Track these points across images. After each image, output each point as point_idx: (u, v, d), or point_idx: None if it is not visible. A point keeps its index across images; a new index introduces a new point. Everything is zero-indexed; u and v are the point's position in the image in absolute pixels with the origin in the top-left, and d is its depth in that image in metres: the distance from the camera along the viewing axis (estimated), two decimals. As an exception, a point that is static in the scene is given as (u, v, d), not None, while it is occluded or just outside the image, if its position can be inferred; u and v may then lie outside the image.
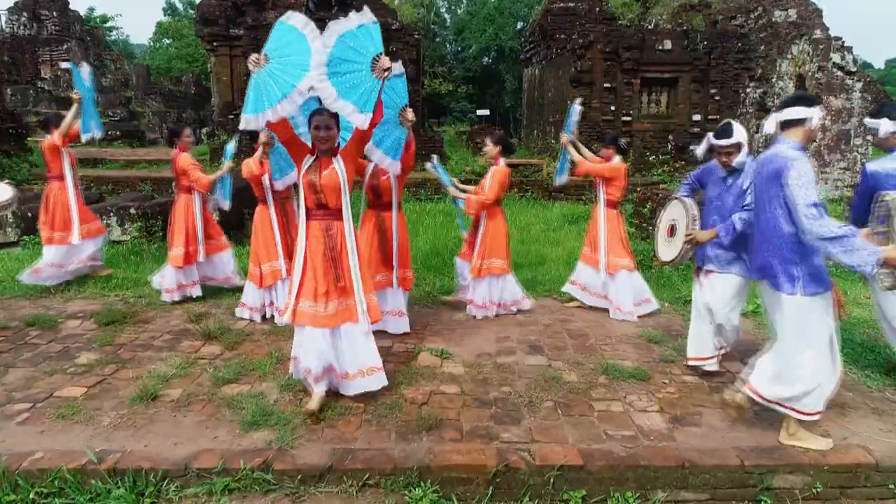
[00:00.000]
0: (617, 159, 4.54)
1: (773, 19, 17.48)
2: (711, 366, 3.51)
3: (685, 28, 12.39)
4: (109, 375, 3.48)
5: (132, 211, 6.51)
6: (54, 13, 28.22)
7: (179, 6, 48.66)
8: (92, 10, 43.60)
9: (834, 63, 8.02)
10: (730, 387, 2.99)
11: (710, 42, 11.40)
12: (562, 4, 14.04)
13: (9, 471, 2.54)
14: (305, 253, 3.02)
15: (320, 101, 2.97)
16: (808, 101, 2.68)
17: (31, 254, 6.16)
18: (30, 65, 24.66)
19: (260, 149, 4.14)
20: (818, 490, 2.65)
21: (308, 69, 2.79)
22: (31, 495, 2.50)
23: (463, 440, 2.81)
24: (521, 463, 2.62)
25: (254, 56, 2.90)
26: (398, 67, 3.45)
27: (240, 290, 4.64)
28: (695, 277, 3.58)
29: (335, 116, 2.95)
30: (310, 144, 3.04)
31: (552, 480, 2.60)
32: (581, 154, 4.69)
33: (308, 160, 3.01)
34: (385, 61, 2.90)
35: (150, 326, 4.31)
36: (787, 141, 2.68)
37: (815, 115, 2.64)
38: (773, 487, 2.65)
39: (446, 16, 43.51)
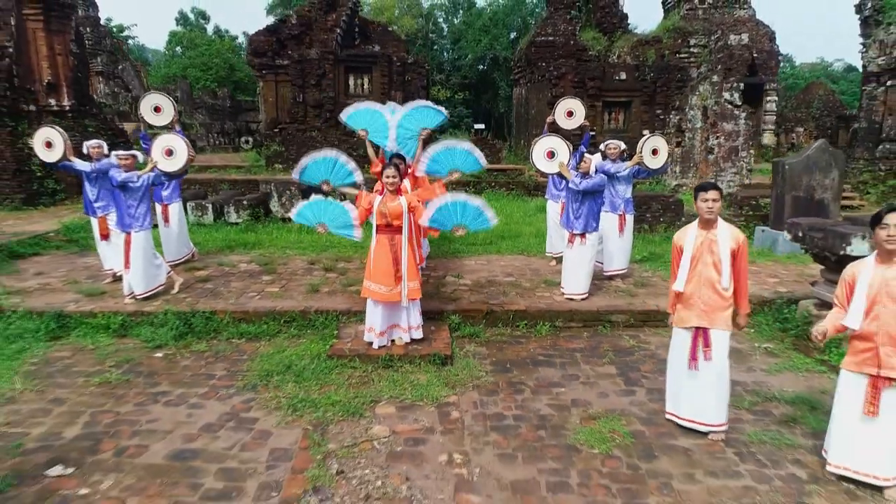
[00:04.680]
0: None
1: (729, 42, 20.74)
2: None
3: (639, 60, 15.62)
4: (285, 284, 6.66)
5: (244, 202, 9.66)
6: (88, 28, 31.13)
7: (191, 17, 51.46)
8: (109, 20, 46.31)
9: (726, 99, 11.21)
10: None
11: (655, 73, 14.62)
12: (543, 38, 17.29)
13: (265, 312, 5.72)
14: (377, 253, 4.86)
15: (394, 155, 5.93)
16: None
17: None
18: (68, 77, 27.67)
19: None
20: (631, 321, 5.87)
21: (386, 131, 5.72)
22: (280, 323, 5.68)
23: (472, 303, 6.01)
24: (498, 308, 5.83)
25: (360, 131, 5.76)
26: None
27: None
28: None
29: (398, 168, 4.88)
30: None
31: (511, 316, 5.80)
32: None
33: (378, 199, 4.83)
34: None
35: (288, 266, 7.48)
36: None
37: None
38: (611, 321, 5.87)
39: (444, 25, 46.43)
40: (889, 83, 12.93)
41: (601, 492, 3.28)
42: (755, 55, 22.53)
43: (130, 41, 50.52)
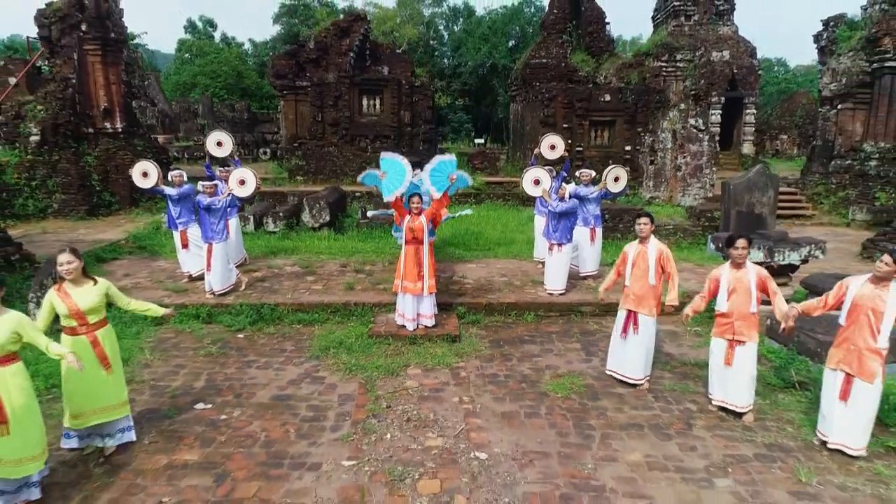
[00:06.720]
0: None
1: (711, 58, 22.41)
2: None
3: (624, 82, 17.38)
4: (326, 283, 8.41)
5: (280, 213, 11.41)
6: (106, 41, 32.60)
7: (199, 25, 53.05)
8: (121, 28, 47.76)
9: (691, 125, 12.96)
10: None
11: (636, 95, 16.35)
12: (537, 60, 19.06)
13: (315, 304, 7.46)
14: (406, 259, 6.57)
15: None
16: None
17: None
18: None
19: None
20: (597, 311, 7.62)
21: (402, 182, 6.47)
22: (328, 313, 7.42)
23: (475, 297, 7.76)
24: (494, 301, 7.59)
25: (380, 173, 6.65)
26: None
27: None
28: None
29: (420, 196, 6.65)
30: (407, 208, 6.71)
31: (504, 307, 7.56)
32: None
33: (408, 217, 6.56)
34: (453, 177, 6.92)
35: (324, 269, 9.23)
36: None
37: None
38: (581, 311, 7.62)
39: (444, 33, 48.02)
40: (840, 107, 14.69)
41: (560, 417, 5.03)
42: (735, 71, 24.29)
43: (140, 48, 51.86)
